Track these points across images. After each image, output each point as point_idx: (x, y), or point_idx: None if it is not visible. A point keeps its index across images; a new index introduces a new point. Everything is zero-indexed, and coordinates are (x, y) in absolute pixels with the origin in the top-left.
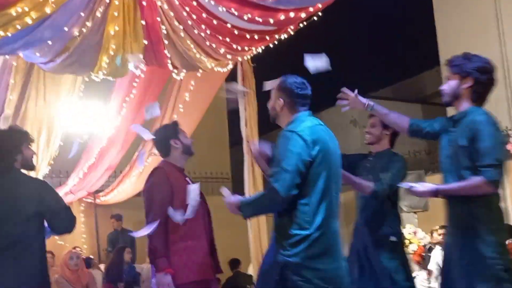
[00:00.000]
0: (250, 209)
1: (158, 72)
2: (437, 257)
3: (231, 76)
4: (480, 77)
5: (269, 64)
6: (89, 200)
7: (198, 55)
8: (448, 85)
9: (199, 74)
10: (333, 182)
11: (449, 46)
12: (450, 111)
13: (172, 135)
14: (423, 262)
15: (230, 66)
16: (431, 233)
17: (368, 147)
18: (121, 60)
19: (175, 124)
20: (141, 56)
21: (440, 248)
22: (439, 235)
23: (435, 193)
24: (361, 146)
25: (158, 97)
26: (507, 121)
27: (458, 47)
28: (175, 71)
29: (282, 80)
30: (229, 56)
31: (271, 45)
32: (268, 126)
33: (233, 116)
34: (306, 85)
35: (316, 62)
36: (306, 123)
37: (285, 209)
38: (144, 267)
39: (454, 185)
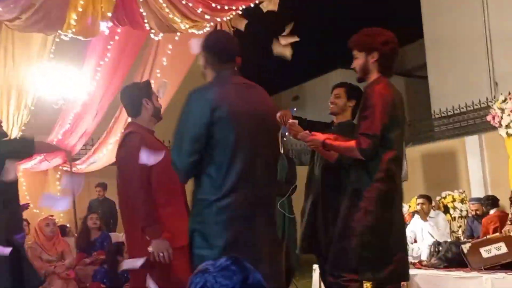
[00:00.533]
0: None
1: (134, 34)
2: (412, 225)
3: None
4: (385, 50)
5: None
6: (65, 168)
7: (171, 15)
8: (357, 63)
9: (177, 38)
10: (253, 145)
11: (433, 19)
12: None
13: (144, 94)
14: None
15: (207, 29)
16: None
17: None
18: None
19: (148, 84)
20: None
21: (418, 216)
22: (417, 204)
23: (322, 144)
24: None
25: (134, 61)
26: (488, 92)
27: (441, 20)
28: (153, 31)
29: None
30: (207, 17)
31: (252, 5)
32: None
33: None
34: (227, 42)
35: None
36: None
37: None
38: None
39: (338, 143)
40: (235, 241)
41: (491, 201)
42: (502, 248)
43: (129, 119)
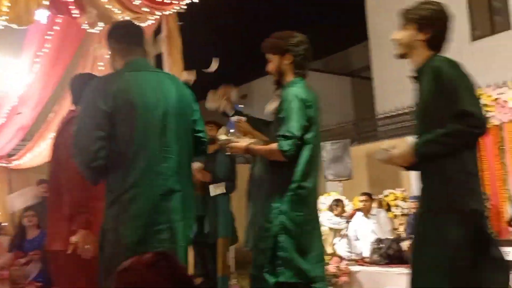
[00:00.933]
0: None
1: (75, 25)
2: (355, 223)
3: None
4: (298, 51)
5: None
6: (2, 164)
7: (110, 6)
8: (271, 66)
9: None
10: (155, 137)
11: (377, 21)
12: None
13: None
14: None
15: (151, 22)
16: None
17: None
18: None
19: (89, 74)
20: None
21: (362, 214)
22: (361, 201)
23: (245, 151)
24: None
25: (75, 53)
26: None
27: (385, 22)
28: (86, 23)
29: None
30: (145, 9)
31: (197, 0)
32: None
33: None
34: (132, 29)
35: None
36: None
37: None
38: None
39: (260, 147)
40: (143, 235)
41: None
42: None
43: (72, 108)
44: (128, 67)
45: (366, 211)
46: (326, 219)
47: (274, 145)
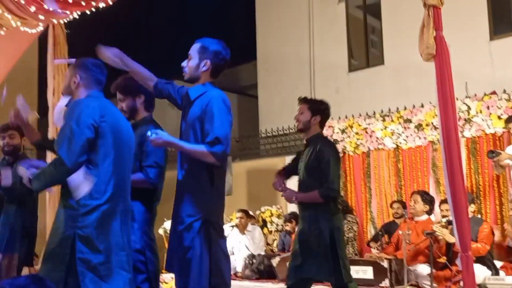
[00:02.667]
0: (40, 180)
1: None
2: (231, 239)
3: (43, 39)
4: (215, 58)
5: (86, 33)
6: None
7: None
8: (188, 67)
9: (2, 32)
10: (121, 158)
11: (265, 42)
12: (261, 104)
13: None
14: None
15: (41, 28)
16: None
17: None
18: None
19: None
20: None
21: (236, 230)
22: (237, 218)
23: (168, 144)
24: (176, 126)
25: None
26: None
27: (272, 44)
28: None
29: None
30: (41, 17)
31: (88, 12)
32: None
33: (44, 84)
34: (104, 69)
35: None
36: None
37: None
38: None
39: (188, 145)
40: (116, 244)
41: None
42: None
43: None
44: (95, 96)
45: (242, 227)
46: None
47: (203, 147)
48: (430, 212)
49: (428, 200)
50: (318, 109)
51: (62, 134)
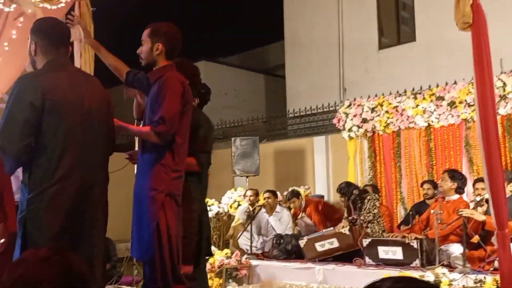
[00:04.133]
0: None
1: None
2: (258, 219)
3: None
4: (167, 40)
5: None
6: None
7: None
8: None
9: (30, 11)
10: (85, 133)
11: (293, 22)
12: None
13: None
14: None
15: (62, 5)
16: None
17: None
18: None
19: None
20: None
21: (264, 211)
22: (264, 198)
23: (118, 128)
24: (204, 108)
25: None
26: (337, 97)
27: (301, 24)
28: (2, 1)
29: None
30: None
31: None
32: (105, 74)
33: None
34: (60, 28)
35: None
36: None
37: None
38: None
39: (135, 128)
40: (67, 227)
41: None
42: (334, 242)
43: None
44: (51, 65)
45: (270, 208)
46: (244, 211)
47: (147, 128)
48: (461, 191)
49: (457, 177)
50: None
51: (3, 118)
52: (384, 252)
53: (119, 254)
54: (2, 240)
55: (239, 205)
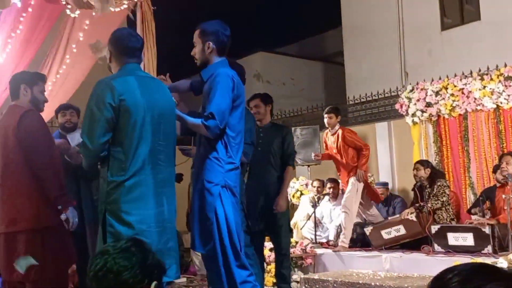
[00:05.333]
0: (83, 160)
1: (48, 7)
2: (322, 208)
3: (131, 18)
4: (216, 38)
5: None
6: None
7: None
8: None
9: (94, 13)
10: (154, 131)
11: (350, 7)
12: (348, 71)
13: (25, 80)
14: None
15: (125, 6)
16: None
17: None
18: None
19: (34, 73)
20: None
21: (328, 199)
22: (329, 188)
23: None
24: None
25: (48, 34)
26: (399, 81)
27: (358, 9)
28: (69, 7)
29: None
30: None
31: None
32: (167, 71)
33: None
34: (133, 37)
35: None
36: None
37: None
38: None
39: (189, 118)
40: (146, 216)
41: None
42: (401, 230)
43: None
44: (125, 71)
45: (334, 197)
46: (308, 201)
47: (199, 120)
48: None
49: None
50: None
51: (85, 117)
52: (454, 238)
53: (185, 244)
54: (76, 220)
55: (301, 194)
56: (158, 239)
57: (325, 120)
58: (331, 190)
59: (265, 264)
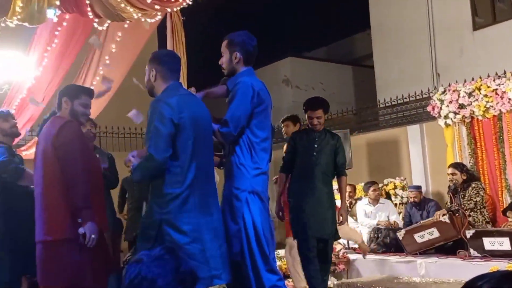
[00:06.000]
0: (138, 173)
1: (82, 21)
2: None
3: (161, 29)
4: (243, 48)
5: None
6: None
7: (122, 5)
8: (224, 63)
9: (126, 25)
10: (201, 145)
11: (379, 9)
12: (378, 74)
13: (67, 94)
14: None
15: (159, 17)
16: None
17: None
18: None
19: (77, 87)
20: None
21: (367, 202)
22: (373, 191)
23: None
24: (293, 103)
25: (82, 47)
26: (430, 83)
27: (387, 10)
28: (97, 20)
29: (157, 54)
30: (157, 7)
31: None
32: (196, 81)
33: None
34: (176, 58)
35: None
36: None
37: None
38: None
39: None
40: (200, 225)
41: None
42: (435, 232)
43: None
44: (175, 89)
45: (376, 200)
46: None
47: (215, 127)
48: None
49: None
50: None
51: (149, 132)
52: (490, 243)
53: None
54: (93, 236)
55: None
56: (210, 245)
57: (282, 130)
58: (374, 192)
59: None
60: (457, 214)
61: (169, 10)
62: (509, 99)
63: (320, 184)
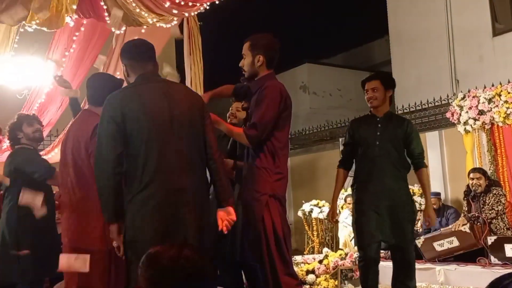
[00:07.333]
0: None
1: (99, 26)
2: None
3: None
4: (266, 51)
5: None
6: None
7: (138, 10)
8: (245, 66)
9: (143, 30)
10: (161, 139)
11: (397, 15)
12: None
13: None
14: None
15: (175, 22)
16: None
17: None
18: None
19: (122, 82)
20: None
21: None
22: None
23: (215, 122)
24: (310, 110)
25: (100, 51)
26: (449, 89)
27: (405, 16)
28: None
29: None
30: (175, 11)
31: (217, 2)
32: (213, 86)
33: (182, 75)
34: (143, 46)
35: None
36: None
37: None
38: None
39: (230, 126)
40: (160, 229)
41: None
42: (454, 241)
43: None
44: (138, 80)
45: None
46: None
47: (241, 129)
48: None
49: None
50: None
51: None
52: (511, 250)
53: None
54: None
55: None
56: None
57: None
58: None
59: (314, 276)
60: (477, 223)
61: (186, 14)
62: None
63: (388, 180)
